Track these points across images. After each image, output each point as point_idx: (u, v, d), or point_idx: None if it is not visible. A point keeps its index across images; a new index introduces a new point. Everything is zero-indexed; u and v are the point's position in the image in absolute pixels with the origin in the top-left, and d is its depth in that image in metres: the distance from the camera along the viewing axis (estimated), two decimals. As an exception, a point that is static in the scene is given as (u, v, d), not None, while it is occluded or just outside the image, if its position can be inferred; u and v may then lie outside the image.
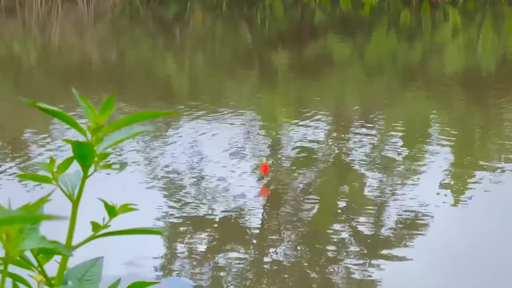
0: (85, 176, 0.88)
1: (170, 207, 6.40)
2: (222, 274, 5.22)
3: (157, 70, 13.93)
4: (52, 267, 0.96)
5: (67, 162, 0.89)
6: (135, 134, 0.84)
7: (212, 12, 23.04)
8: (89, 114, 0.83)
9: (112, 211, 0.90)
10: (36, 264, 0.89)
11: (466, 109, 10.73)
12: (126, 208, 0.90)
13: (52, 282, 0.91)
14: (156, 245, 5.64)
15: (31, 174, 0.97)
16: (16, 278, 0.95)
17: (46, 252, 0.89)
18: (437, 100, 11.19)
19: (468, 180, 7.23)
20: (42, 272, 0.90)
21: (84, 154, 0.86)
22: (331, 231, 5.97)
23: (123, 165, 0.88)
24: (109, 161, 0.91)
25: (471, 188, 6.99)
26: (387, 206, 6.52)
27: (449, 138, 8.76)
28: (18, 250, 0.78)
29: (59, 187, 0.90)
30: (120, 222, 1.02)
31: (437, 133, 9.06)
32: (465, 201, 6.68)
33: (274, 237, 5.88)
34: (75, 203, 0.89)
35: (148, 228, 0.94)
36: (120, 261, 5.19)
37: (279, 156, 7.96)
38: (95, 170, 0.88)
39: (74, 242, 0.94)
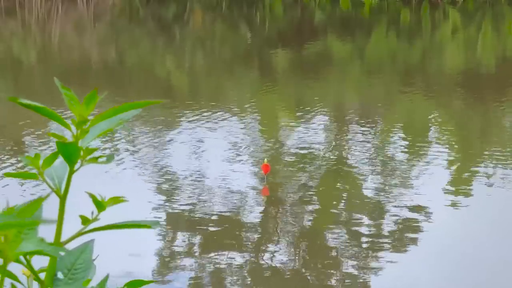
0: (71, 171, 0.87)
1: (169, 206, 6.39)
2: (219, 272, 5.21)
3: (157, 70, 13.92)
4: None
5: (53, 157, 0.87)
6: (119, 123, 0.82)
7: (212, 12, 23.03)
8: (73, 107, 0.82)
9: (100, 205, 0.89)
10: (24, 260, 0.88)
11: (466, 109, 10.71)
12: (115, 200, 0.89)
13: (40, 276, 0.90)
14: (151, 243, 5.63)
15: (17, 172, 0.96)
16: (7, 275, 0.94)
17: (37, 253, 0.87)
18: (437, 100, 11.18)
19: (469, 181, 7.21)
20: (30, 268, 0.89)
21: (69, 153, 0.85)
22: (330, 232, 5.96)
23: (110, 158, 0.87)
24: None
25: (472, 189, 6.98)
26: (387, 207, 6.51)
27: (449, 138, 8.75)
28: (16, 252, 0.77)
29: (46, 183, 0.89)
30: (115, 220, 1.02)
31: (437, 133, 9.05)
32: (465, 201, 6.67)
33: (273, 237, 5.87)
34: (63, 198, 0.88)
35: (138, 222, 0.92)
36: (113, 258, 5.18)
37: (279, 155, 7.94)
38: (81, 165, 0.87)
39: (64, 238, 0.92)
